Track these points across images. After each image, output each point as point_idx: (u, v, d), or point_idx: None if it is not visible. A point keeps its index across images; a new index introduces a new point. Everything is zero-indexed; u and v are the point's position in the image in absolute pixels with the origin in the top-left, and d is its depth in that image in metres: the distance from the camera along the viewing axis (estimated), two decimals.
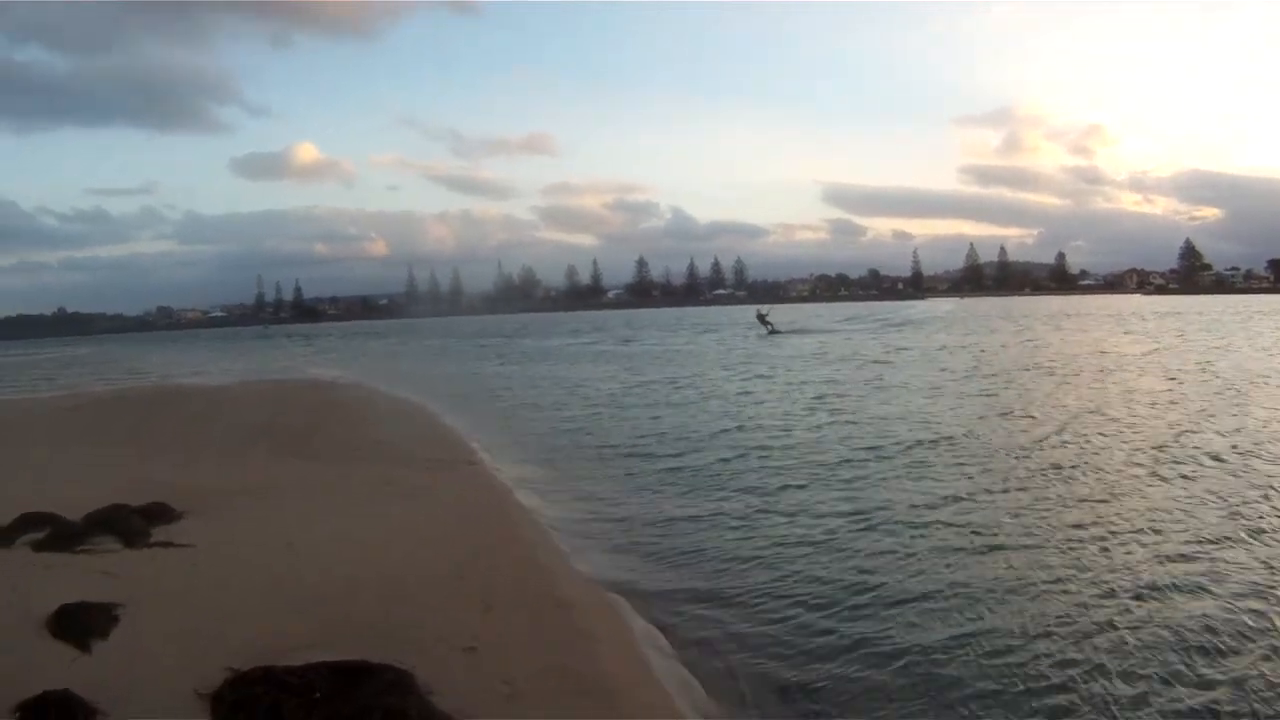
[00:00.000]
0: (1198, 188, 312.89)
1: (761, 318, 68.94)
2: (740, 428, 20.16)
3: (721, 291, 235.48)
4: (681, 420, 21.60)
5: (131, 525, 10.68)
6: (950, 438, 17.97)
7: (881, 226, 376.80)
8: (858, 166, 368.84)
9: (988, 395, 24.77)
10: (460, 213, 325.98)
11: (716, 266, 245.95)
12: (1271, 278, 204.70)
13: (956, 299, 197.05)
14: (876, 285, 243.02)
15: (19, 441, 19.60)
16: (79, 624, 7.59)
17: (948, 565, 10.11)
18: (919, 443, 17.58)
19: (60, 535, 10.42)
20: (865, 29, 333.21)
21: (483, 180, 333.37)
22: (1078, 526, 11.50)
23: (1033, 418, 20.40)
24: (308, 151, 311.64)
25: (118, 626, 7.66)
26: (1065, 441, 17.38)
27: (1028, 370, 31.74)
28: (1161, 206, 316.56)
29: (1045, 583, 9.42)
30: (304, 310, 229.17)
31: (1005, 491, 13.43)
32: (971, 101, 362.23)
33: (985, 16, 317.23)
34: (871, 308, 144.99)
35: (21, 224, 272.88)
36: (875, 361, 38.41)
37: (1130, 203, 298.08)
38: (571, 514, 13.14)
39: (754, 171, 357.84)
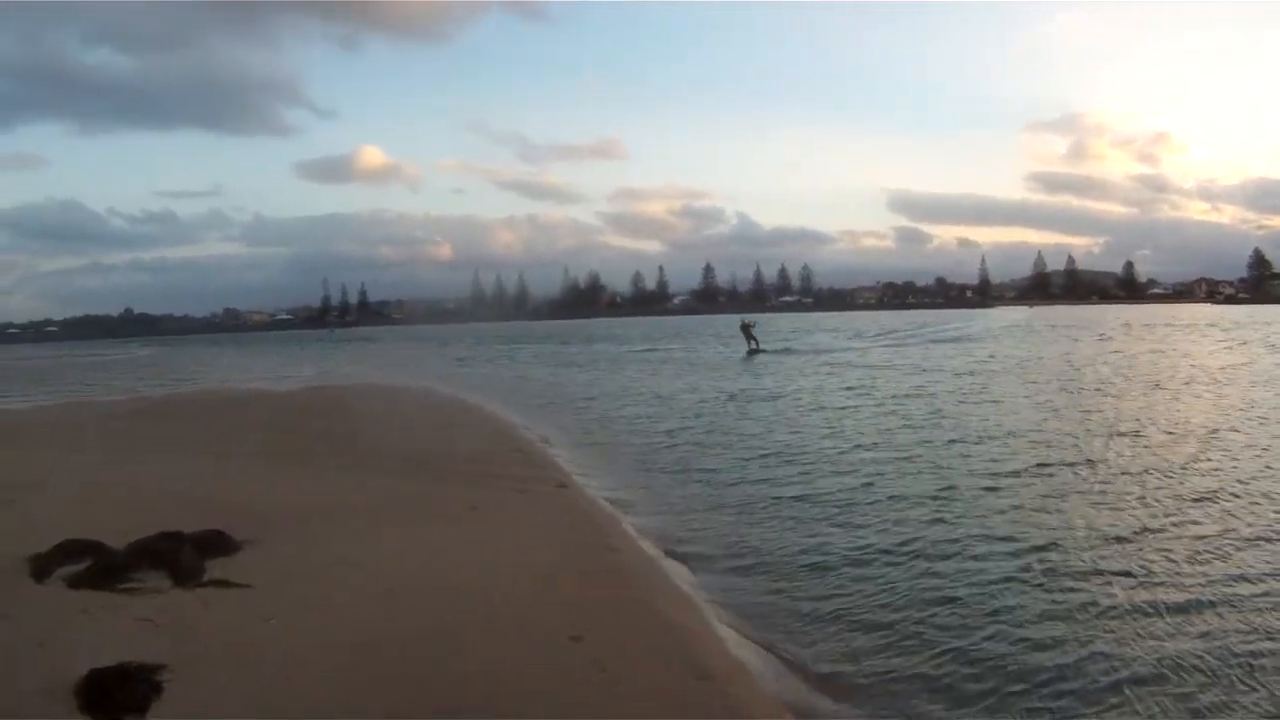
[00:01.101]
0: (1266, 196, 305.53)
1: (746, 329, 55.04)
2: (857, 446, 18.12)
3: (788, 298, 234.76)
4: (789, 438, 19.47)
5: (182, 559, 9.01)
6: (1089, 462, 15.82)
7: (947, 234, 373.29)
8: (923, 173, 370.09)
9: (1100, 411, 22.51)
10: (526, 217, 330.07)
11: (783, 273, 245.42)
12: None
13: (1027, 307, 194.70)
14: (943, 293, 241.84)
15: (70, 448, 18.14)
16: (112, 697, 6.05)
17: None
18: (1052, 464, 15.61)
19: (102, 570, 8.80)
20: (931, 35, 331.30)
21: (549, 185, 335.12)
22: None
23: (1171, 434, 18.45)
24: (373, 155, 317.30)
25: (159, 699, 6.08)
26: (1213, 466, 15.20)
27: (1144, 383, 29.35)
28: (1229, 215, 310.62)
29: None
30: (369, 313, 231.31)
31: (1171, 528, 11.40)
32: (1039, 108, 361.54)
33: (1053, 23, 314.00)
34: (939, 315, 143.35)
35: (92, 225, 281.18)
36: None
37: (1197, 211, 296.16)
38: (685, 548, 11.35)
39: (819, 178, 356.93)
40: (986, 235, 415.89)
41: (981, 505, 12.86)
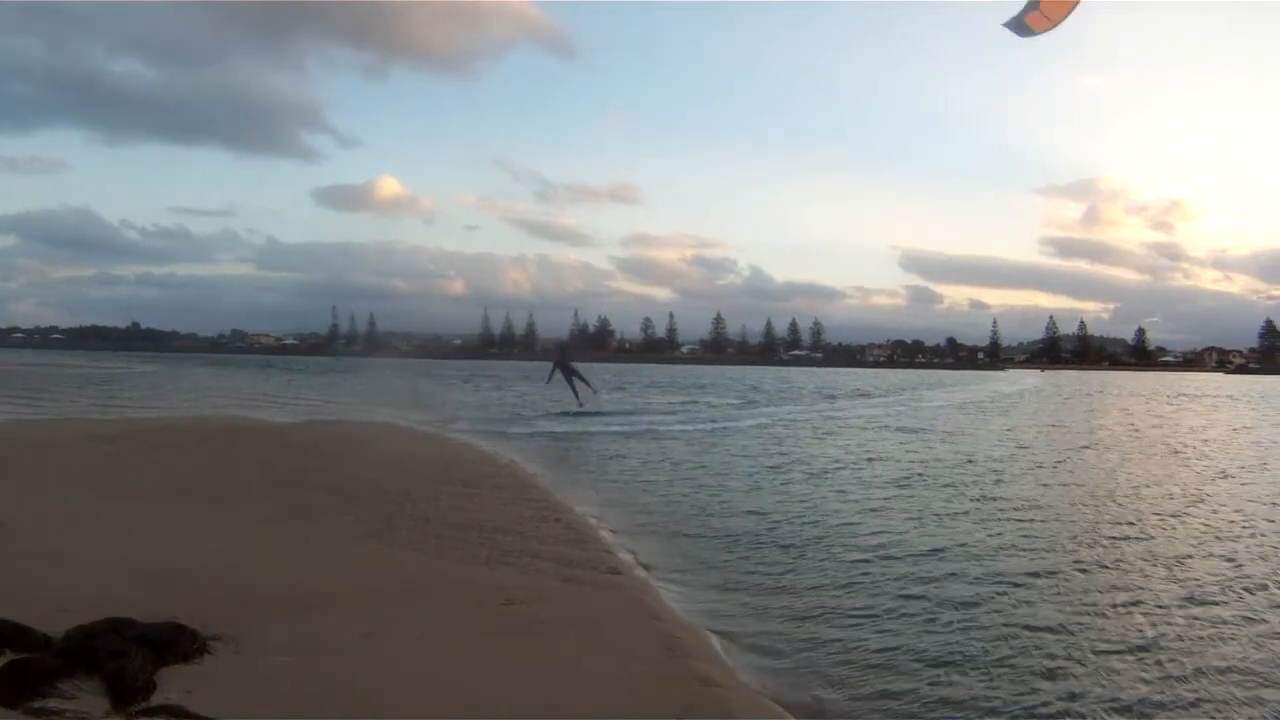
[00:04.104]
0: (1278, 266, 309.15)
1: (566, 369, 43.20)
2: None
3: (798, 352, 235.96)
4: (885, 524, 16.61)
5: (127, 665, 6.42)
6: None
7: (958, 295, 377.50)
8: (936, 233, 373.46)
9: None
10: (538, 257, 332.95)
11: (794, 327, 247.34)
12: None
13: (1039, 371, 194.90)
14: (953, 354, 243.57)
15: (28, 481, 15.21)
16: None
17: None
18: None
19: (22, 673, 6.23)
20: (950, 95, 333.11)
21: (563, 226, 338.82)
22: None
23: None
24: (390, 186, 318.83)
25: None
26: None
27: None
28: (1240, 285, 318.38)
29: None
30: (376, 344, 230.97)
31: None
32: (1054, 172, 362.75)
33: (1072, 87, 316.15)
34: (952, 375, 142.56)
35: (105, 236, 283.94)
36: None
37: (1209, 280, 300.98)
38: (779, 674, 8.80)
39: (832, 233, 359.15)
40: (998, 297, 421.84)
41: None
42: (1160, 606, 11.08)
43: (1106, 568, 13.07)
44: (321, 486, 16.79)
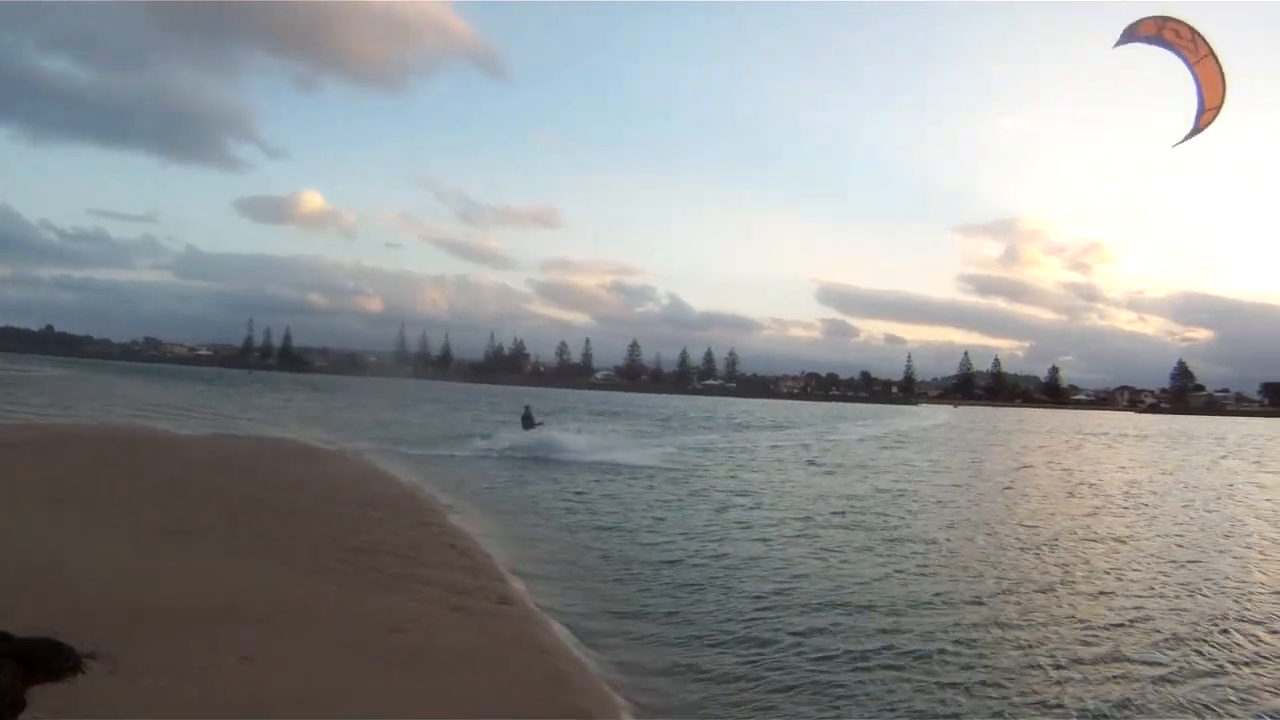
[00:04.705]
0: (1191, 309, 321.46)
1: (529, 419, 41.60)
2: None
3: (712, 382, 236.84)
4: (788, 558, 16.62)
5: None
6: None
7: (875, 329, 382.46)
8: (855, 267, 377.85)
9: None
10: (457, 278, 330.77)
11: (709, 357, 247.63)
12: (1266, 401, 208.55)
13: (951, 406, 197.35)
14: (867, 387, 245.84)
15: None
16: None
17: None
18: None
19: None
20: (874, 132, 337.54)
21: (484, 248, 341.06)
22: None
23: None
24: (313, 200, 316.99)
25: None
26: None
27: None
28: (1154, 326, 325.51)
29: None
30: (291, 359, 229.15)
31: None
32: (974, 211, 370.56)
33: (994, 128, 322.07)
34: (866, 409, 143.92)
35: (23, 235, 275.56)
36: None
37: (1124, 320, 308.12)
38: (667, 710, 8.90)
39: (752, 265, 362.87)
40: (914, 332, 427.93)
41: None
42: (1060, 648, 11.35)
43: (1008, 622, 12.87)
44: (219, 502, 16.55)
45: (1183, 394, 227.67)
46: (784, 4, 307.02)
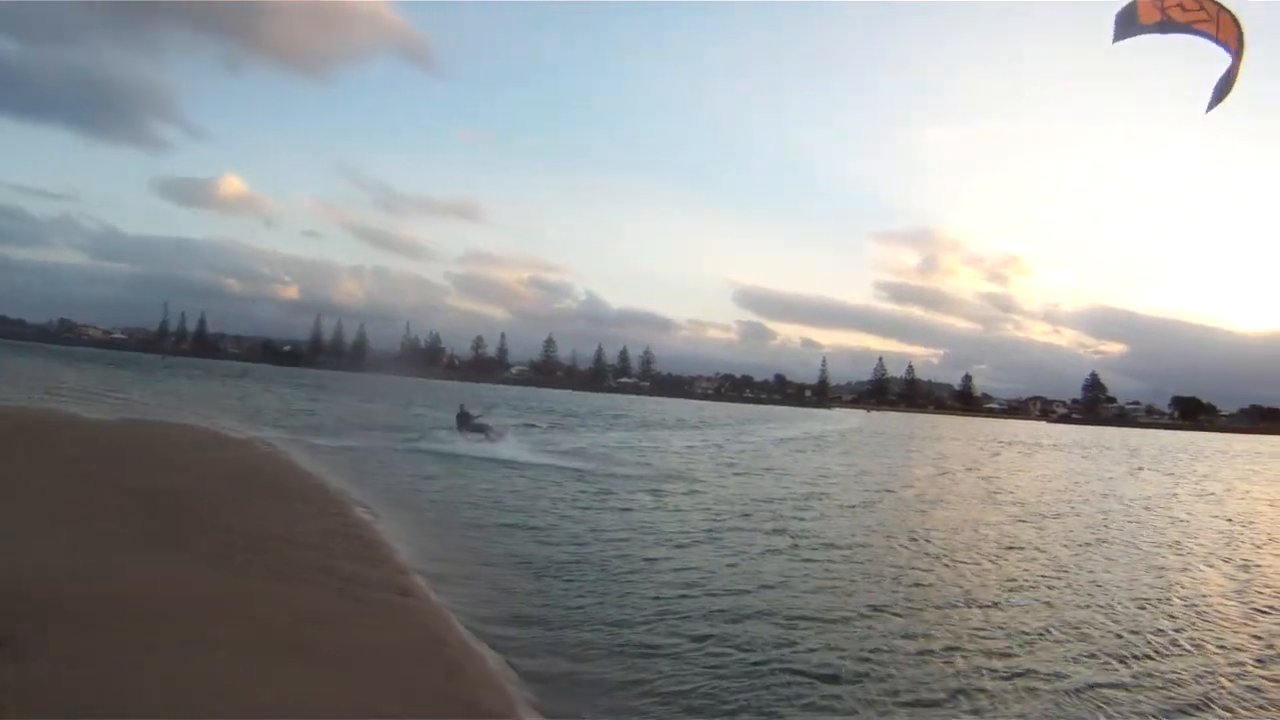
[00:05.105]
0: (1105, 323, 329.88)
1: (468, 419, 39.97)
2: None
3: (626, 380, 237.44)
4: (695, 560, 17.05)
5: None
6: None
7: (791, 333, 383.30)
8: (774, 271, 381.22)
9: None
10: (375, 268, 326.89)
11: (625, 355, 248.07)
12: (1175, 414, 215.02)
13: (864, 411, 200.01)
14: (781, 390, 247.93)
15: None
16: None
17: None
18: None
19: None
20: (797, 137, 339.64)
21: (403, 239, 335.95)
22: None
23: None
24: (233, 184, 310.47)
25: None
26: None
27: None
28: (1068, 339, 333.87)
29: None
30: (205, 345, 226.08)
31: None
32: (894, 218, 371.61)
33: (921, 138, 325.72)
34: (779, 411, 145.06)
35: None
36: None
37: (1039, 332, 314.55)
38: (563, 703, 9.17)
39: (671, 265, 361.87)
40: (830, 338, 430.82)
41: None
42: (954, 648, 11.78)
43: (903, 613, 13.49)
44: (124, 489, 16.38)
45: (1094, 405, 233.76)
46: (712, 7, 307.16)
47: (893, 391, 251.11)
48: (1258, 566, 20.07)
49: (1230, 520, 29.00)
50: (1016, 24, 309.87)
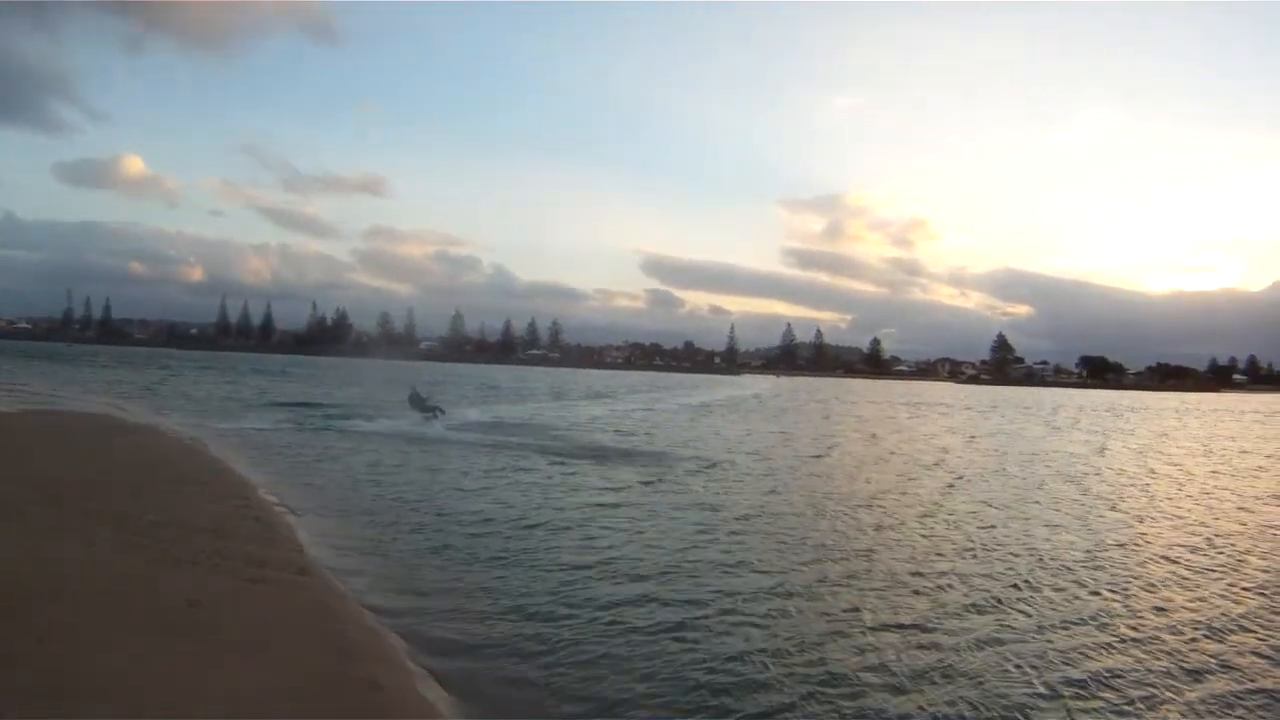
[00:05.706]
0: (1011, 286, 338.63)
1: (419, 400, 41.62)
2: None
3: (535, 352, 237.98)
4: (601, 532, 17.44)
5: None
6: None
7: (699, 300, 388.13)
8: (680, 239, 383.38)
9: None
10: (280, 247, 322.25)
11: (533, 327, 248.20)
12: (1084, 373, 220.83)
13: (774, 376, 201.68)
14: (691, 357, 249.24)
15: None
16: None
17: None
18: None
19: None
20: (701, 105, 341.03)
21: (308, 216, 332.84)
22: None
23: None
24: (134, 165, 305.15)
25: None
26: None
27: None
28: (975, 301, 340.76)
29: None
30: (110, 331, 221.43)
31: None
32: (800, 186, 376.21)
33: (826, 107, 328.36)
34: (689, 378, 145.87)
35: None
36: None
37: (946, 295, 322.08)
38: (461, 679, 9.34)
39: (578, 236, 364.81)
40: (738, 304, 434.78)
41: None
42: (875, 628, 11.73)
43: (829, 584, 13.38)
44: (20, 479, 16.25)
45: (1002, 365, 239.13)
46: None
47: (802, 356, 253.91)
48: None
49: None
50: None
